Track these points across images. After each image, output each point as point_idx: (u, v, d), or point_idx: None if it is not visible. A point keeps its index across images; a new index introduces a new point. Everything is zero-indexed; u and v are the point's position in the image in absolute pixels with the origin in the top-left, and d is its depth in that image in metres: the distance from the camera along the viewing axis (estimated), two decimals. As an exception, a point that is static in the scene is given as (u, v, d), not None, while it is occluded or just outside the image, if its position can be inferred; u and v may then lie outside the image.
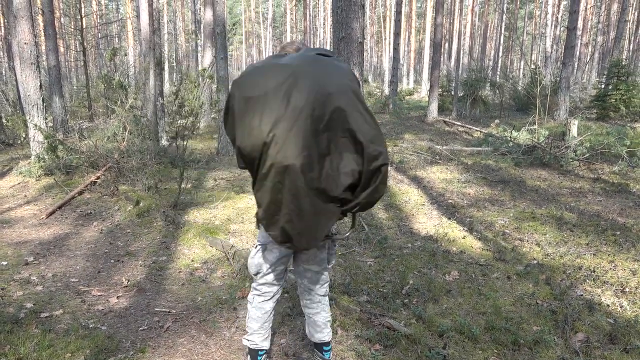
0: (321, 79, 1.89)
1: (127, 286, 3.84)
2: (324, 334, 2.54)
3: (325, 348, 2.58)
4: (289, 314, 3.27)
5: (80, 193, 6.52)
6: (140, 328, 3.17)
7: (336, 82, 1.92)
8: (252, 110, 1.85)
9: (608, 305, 3.38)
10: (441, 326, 3.03)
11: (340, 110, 1.87)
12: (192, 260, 4.33)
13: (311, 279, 2.45)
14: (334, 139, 1.90)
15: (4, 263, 4.30)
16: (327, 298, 2.55)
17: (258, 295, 2.44)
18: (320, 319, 2.51)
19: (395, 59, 17.86)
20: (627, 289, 3.61)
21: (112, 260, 4.42)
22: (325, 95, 1.85)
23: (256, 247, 2.37)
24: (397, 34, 18.05)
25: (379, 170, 1.94)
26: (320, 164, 1.89)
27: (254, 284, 2.45)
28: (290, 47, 2.29)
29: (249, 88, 1.88)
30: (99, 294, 3.70)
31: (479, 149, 9.86)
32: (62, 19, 28.23)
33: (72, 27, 17.75)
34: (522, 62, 31.60)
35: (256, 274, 2.39)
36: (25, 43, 7.50)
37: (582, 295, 3.52)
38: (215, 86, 9.61)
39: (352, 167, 1.93)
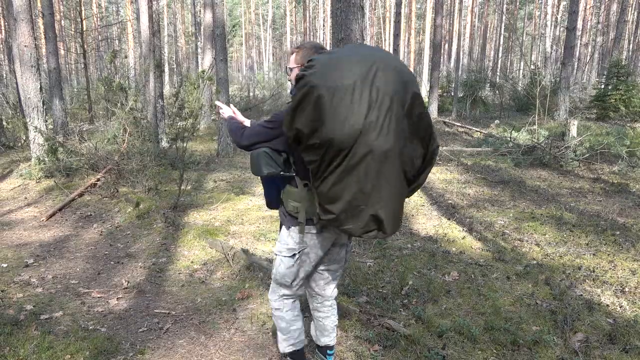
0: (397, 66, 1.96)
1: (126, 288, 3.85)
2: (331, 338, 2.55)
3: (329, 352, 2.58)
4: (288, 315, 3.27)
5: (81, 195, 6.53)
6: (140, 329, 3.17)
7: (406, 70, 2.01)
8: (344, 99, 1.84)
9: (607, 305, 3.38)
10: (440, 327, 3.03)
11: (416, 96, 1.97)
12: (192, 262, 4.33)
13: (327, 279, 2.45)
14: (411, 123, 1.97)
15: (4, 265, 4.31)
16: (335, 302, 2.55)
17: (292, 299, 2.41)
18: (330, 323, 2.52)
19: (395, 60, 17.85)
20: (626, 289, 3.60)
21: (112, 262, 4.43)
22: (404, 82, 1.93)
23: (292, 255, 2.27)
24: (396, 35, 18.05)
25: (435, 151, 2.09)
26: (406, 148, 1.97)
27: (284, 291, 2.38)
28: (308, 45, 2.34)
29: (336, 78, 1.85)
30: (98, 295, 3.71)
31: (479, 149, 9.87)
32: (62, 21, 28.28)
33: (73, 29, 17.79)
34: (522, 63, 31.62)
35: (292, 282, 2.33)
36: (25, 46, 7.52)
37: (581, 295, 3.52)
38: (215, 87, 9.62)
39: (421, 150, 2.03)
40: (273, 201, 2.39)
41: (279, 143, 2.15)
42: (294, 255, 2.27)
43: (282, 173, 2.19)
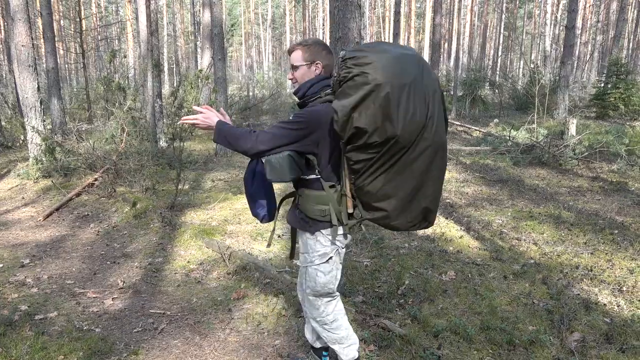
0: (429, 65, 2.04)
1: (122, 288, 3.83)
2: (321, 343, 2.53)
3: (324, 353, 2.56)
4: (283, 314, 3.26)
5: (78, 195, 6.52)
6: (135, 330, 3.16)
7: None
8: (410, 96, 1.87)
9: (605, 304, 3.36)
10: (436, 326, 3.01)
11: (442, 93, 2.07)
12: (188, 262, 4.31)
13: None
14: None
15: (0, 265, 4.30)
16: None
17: (337, 299, 2.34)
18: None
19: (395, 59, 17.79)
20: (624, 288, 3.59)
21: (108, 262, 4.41)
22: (436, 80, 2.05)
23: (328, 260, 2.19)
24: (396, 34, 18.02)
25: None
26: None
27: (327, 298, 2.28)
28: (311, 41, 2.31)
29: (399, 76, 1.86)
30: (94, 296, 3.69)
31: (478, 148, 9.85)
32: (61, 21, 28.28)
33: (72, 29, 17.77)
34: (522, 62, 31.60)
35: (334, 286, 2.26)
36: (22, 45, 7.50)
37: (578, 294, 3.50)
38: (213, 86, 9.60)
39: None
40: (273, 210, 2.30)
41: (306, 144, 2.05)
42: (330, 258, 2.20)
43: (302, 176, 2.12)
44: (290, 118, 2.10)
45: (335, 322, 2.30)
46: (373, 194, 1.99)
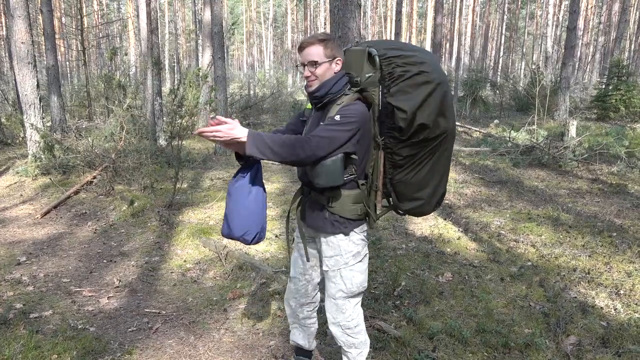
0: None
1: (118, 287, 3.82)
2: (315, 340, 2.55)
3: (313, 352, 2.59)
4: (278, 315, 3.25)
5: (76, 193, 6.51)
6: (129, 329, 3.15)
7: None
8: (451, 93, 2.13)
9: (602, 307, 3.35)
10: (432, 328, 3.00)
11: None
12: (185, 261, 4.30)
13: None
14: None
15: (-4, 263, 4.29)
16: None
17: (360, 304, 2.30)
18: (316, 326, 2.49)
19: (396, 59, 17.73)
20: (621, 291, 3.57)
21: (104, 261, 4.40)
22: None
23: (363, 258, 2.19)
24: (397, 34, 17.99)
25: None
26: None
27: (357, 299, 2.24)
28: (324, 36, 2.25)
29: (445, 74, 2.06)
30: (89, 294, 3.69)
31: (478, 149, 9.82)
32: (63, 18, 28.26)
33: (73, 26, 17.74)
34: (523, 62, 31.54)
35: (366, 283, 2.24)
36: (22, 42, 7.49)
37: (575, 297, 3.49)
38: (212, 84, 9.58)
39: None
40: (264, 228, 2.18)
41: (352, 144, 2.00)
42: (365, 256, 2.20)
43: (345, 177, 2.05)
44: (337, 119, 1.98)
45: (357, 327, 2.27)
46: (415, 185, 2.12)
